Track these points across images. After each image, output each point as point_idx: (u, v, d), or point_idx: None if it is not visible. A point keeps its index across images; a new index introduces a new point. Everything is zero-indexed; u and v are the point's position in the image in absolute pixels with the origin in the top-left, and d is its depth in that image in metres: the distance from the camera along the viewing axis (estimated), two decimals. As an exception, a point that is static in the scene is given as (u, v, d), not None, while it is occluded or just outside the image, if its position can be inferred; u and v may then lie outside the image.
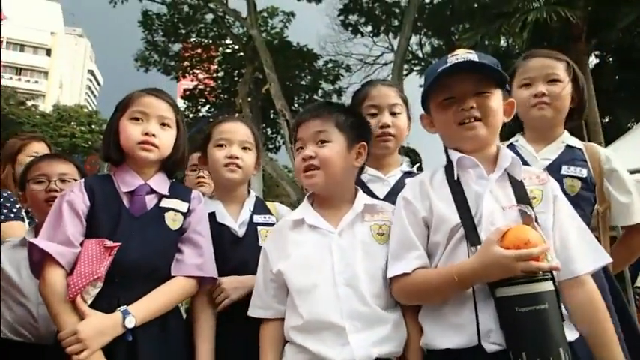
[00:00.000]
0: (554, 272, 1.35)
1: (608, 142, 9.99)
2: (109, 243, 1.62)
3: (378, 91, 2.16)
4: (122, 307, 1.58)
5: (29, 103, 31.25)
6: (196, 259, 1.77)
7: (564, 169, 2.00)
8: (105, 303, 1.58)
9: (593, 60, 14.16)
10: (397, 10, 18.19)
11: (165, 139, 1.83)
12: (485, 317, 1.37)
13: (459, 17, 16.21)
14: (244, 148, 2.05)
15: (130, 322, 1.56)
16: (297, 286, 1.59)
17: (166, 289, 1.70)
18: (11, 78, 49.79)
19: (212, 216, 1.97)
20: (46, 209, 1.93)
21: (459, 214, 1.48)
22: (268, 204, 2.16)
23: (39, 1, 56.62)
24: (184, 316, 1.91)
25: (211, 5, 17.95)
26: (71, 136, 28.81)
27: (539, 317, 1.28)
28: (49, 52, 55.65)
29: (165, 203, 1.81)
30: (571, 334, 1.36)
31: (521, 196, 1.49)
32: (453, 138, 1.61)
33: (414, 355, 1.54)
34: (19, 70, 53.62)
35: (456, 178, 1.55)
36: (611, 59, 14.35)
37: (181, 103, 21.03)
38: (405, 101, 2.20)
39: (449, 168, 1.59)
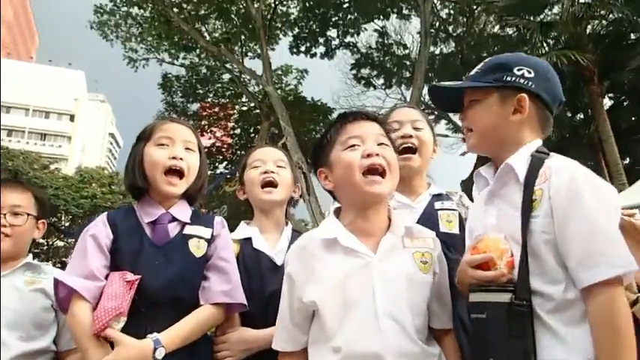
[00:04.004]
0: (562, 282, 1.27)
1: (631, 182, 9.83)
2: (130, 277, 1.61)
3: (400, 110, 2.13)
4: (153, 336, 1.56)
5: (52, 166, 32.09)
6: (223, 285, 1.73)
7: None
8: (132, 334, 1.56)
9: (607, 102, 14.18)
10: (408, 63, 18.68)
11: (192, 163, 1.83)
12: None
13: (469, 66, 16.48)
14: (279, 167, 2.04)
15: (160, 354, 1.54)
16: (332, 319, 1.42)
17: (195, 318, 1.67)
18: (36, 144, 51.55)
19: (248, 241, 1.94)
20: None
21: None
22: None
23: (64, 70, 59.59)
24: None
25: (228, 66, 18.64)
26: (92, 197, 29.27)
27: (478, 326, 1.33)
28: (72, 118, 57.83)
29: (188, 230, 1.79)
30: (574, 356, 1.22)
31: (525, 200, 1.37)
32: None
33: None
34: (43, 135, 55.64)
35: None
36: (626, 100, 14.34)
37: (199, 161, 21.36)
38: (431, 125, 2.12)
39: None
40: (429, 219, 1.85)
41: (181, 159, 1.78)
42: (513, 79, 1.50)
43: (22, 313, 1.84)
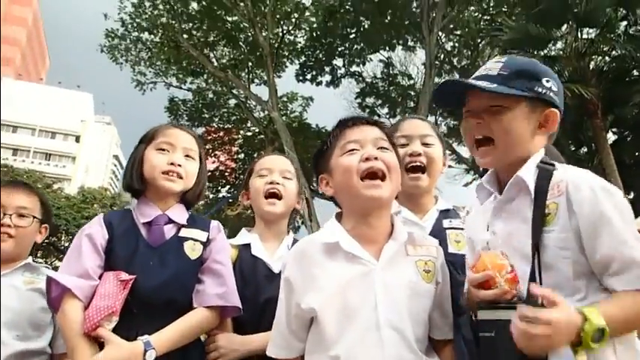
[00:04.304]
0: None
1: (636, 216, 9.76)
2: (124, 276, 1.60)
3: (409, 123, 2.05)
4: (144, 338, 1.53)
5: (55, 186, 32.16)
6: (218, 288, 1.71)
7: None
8: (123, 335, 1.54)
9: (611, 137, 14.22)
10: (412, 93, 18.85)
11: (190, 170, 1.84)
12: None
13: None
14: (285, 178, 2.04)
15: (151, 357, 1.51)
16: (333, 327, 1.37)
17: (188, 321, 1.64)
18: (40, 163, 51.78)
19: (247, 247, 1.94)
20: None
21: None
22: None
23: (72, 92, 60.40)
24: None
25: (235, 91, 18.88)
26: (93, 217, 29.26)
27: (487, 345, 1.27)
28: (77, 139, 58.27)
29: (184, 233, 1.78)
30: None
31: (536, 213, 1.34)
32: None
33: None
34: (48, 155, 55.98)
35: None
36: (629, 135, 14.37)
37: (202, 184, 21.41)
38: (441, 138, 2.05)
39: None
40: (439, 238, 1.78)
41: (179, 165, 1.79)
42: (544, 91, 1.42)
43: (20, 312, 1.83)
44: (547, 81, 1.43)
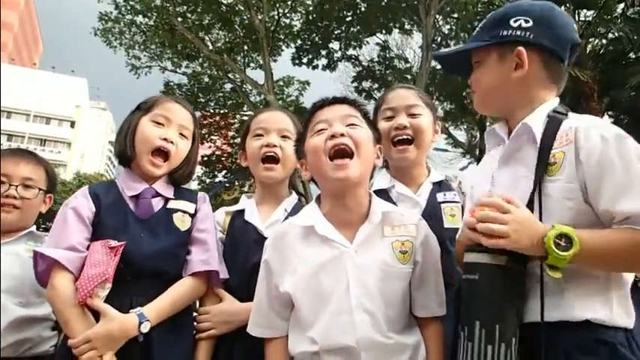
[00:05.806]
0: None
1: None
2: (114, 243, 1.59)
3: (395, 94, 1.98)
4: (138, 311, 1.55)
5: (51, 172, 32.10)
6: (202, 255, 1.72)
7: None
8: (117, 301, 1.55)
9: (607, 120, 14.25)
10: (409, 76, 18.77)
11: (180, 149, 1.82)
12: None
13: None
14: (284, 137, 1.91)
15: (145, 328, 1.53)
16: (307, 310, 1.42)
17: (176, 290, 1.66)
18: (35, 149, 51.40)
19: (241, 213, 1.90)
20: None
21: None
22: None
23: (66, 77, 59.86)
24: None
25: (230, 75, 18.74)
26: (90, 203, 29.23)
27: (468, 287, 1.25)
28: (72, 124, 57.88)
29: (172, 204, 1.78)
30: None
31: (540, 162, 1.31)
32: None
33: None
34: (43, 141, 55.64)
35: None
36: (625, 119, 14.40)
37: (199, 169, 21.44)
38: (430, 106, 1.98)
39: None
40: (434, 213, 1.81)
41: (172, 142, 1.77)
42: (510, 32, 1.40)
43: (22, 279, 1.83)
44: (515, 20, 1.40)
